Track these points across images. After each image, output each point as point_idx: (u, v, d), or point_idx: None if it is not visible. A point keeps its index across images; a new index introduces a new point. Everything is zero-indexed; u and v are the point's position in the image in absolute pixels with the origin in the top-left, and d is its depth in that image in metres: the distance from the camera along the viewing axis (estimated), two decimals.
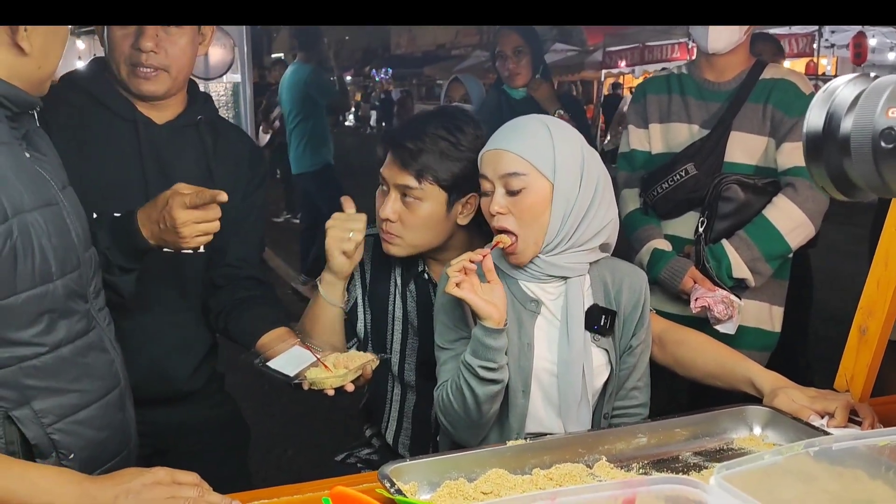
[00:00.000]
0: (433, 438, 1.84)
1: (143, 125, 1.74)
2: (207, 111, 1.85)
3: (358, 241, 1.70)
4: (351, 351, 1.71)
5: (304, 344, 1.64)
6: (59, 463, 1.33)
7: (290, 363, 1.58)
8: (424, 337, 1.79)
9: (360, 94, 26.54)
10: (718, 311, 2.19)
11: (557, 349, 1.59)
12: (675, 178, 2.37)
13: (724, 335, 2.15)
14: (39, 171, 1.35)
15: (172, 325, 1.81)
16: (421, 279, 1.82)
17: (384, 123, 20.73)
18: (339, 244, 1.70)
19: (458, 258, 1.50)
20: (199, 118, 1.81)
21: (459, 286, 1.47)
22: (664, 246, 2.37)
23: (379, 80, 27.31)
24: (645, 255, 2.38)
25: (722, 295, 2.21)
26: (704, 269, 2.29)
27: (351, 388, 1.57)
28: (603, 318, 1.60)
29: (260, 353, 1.66)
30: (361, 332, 1.85)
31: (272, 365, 1.58)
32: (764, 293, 2.36)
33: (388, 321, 1.83)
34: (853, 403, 1.52)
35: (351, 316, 1.84)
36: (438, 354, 1.64)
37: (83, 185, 1.53)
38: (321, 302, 1.76)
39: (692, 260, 2.33)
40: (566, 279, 1.60)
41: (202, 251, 1.80)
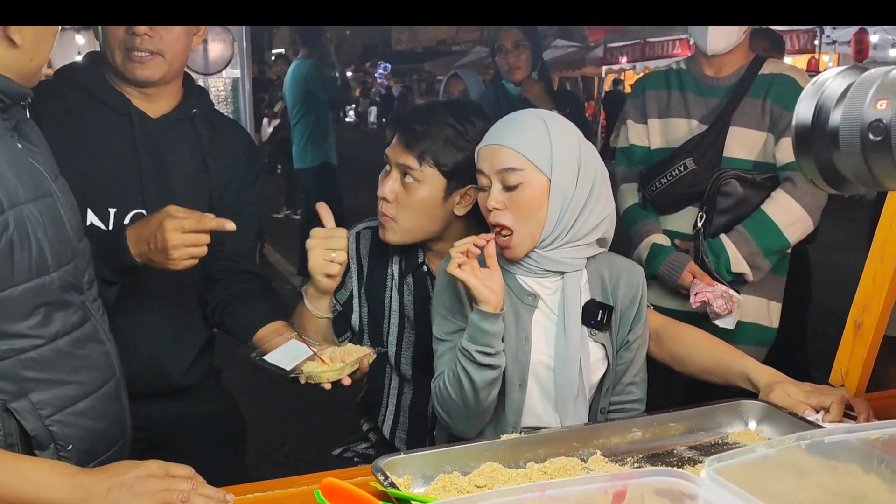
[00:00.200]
0: (430, 433, 1.84)
1: (137, 119, 1.73)
2: (203, 105, 1.84)
3: (342, 261, 1.66)
4: (348, 345, 1.70)
5: (300, 337, 1.64)
6: (57, 454, 1.34)
7: (286, 357, 1.57)
8: (421, 330, 1.79)
9: (358, 89, 26.49)
10: (718, 305, 2.19)
11: (554, 343, 1.59)
12: (673, 172, 2.37)
13: (722, 330, 2.16)
14: (32, 162, 1.35)
15: (169, 319, 1.81)
16: (419, 272, 1.82)
17: (384, 120, 20.72)
18: (322, 268, 1.65)
19: (462, 240, 1.51)
20: (194, 112, 1.80)
21: (461, 268, 1.48)
22: (663, 241, 2.37)
23: (377, 75, 27.27)
24: (644, 249, 2.38)
25: (721, 290, 2.21)
26: (703, 263, 2.29)
27: (348, 381, 1.57)
28: (600, 313, 1.60)
29: (257, 346, 1.66)
30: (357, 324, 1.85)
31: (269, 359, 1.57)
32: (762, 289, 2.36)
33: (384, 314, 1.83)
34: (848, 398, 1.52)
35: (346, 308, 1.84)
36: (436, 346, 1.64)
37: (78, 178, 1.53)
38: (307, 313, 1.74)
39: (690, 254, 2.33)
40: (563, 274, 1.60)
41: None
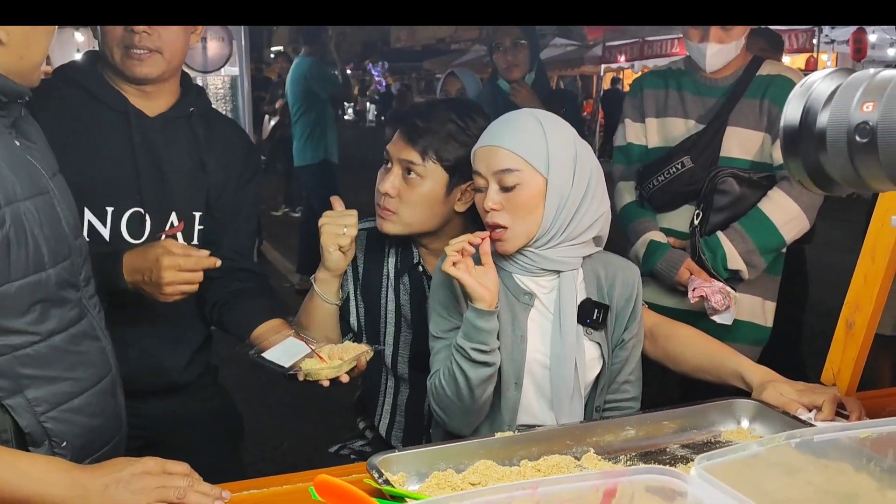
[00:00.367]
0: (426, 431, 1.85)
1: (134, 117, 1.74)
2: (200, 103, 1.84)
3: (353, 235, 1.71)
4: (346, 342, 1.71)
5: (298, 335, 1.65)
6: (51, 451, 1.34)
7: (285, 354, 1.58)
8: (418, 329, 1.80)
9: (356, 87, 26.46)
10: (716, 301, 2.20)
11: (550, 342, 1.60)
12: (671, 171, 2.37)
13: (717, 328, 2.16)
14: (30, 159, 1.36)
15: (166, 317, 1.81)
16: (415, 271, 1.83)
17: (383, 118, 20.69)
18: (334, 239, 1.70)
19: (458, 238, 1.52)
20: (191, 110, 1.80)
21: (456, 266, 1.49)
22: (660, 238, 2.37)
23: (375, 73, 27.18)
24: (641, 247, 2.38)
25: (719, 286, 2.22)
26: (700, 260, 2.29)
27: (346, 379, 1.58)
28: (596, 311, 1.61)
29: (255, 344, 1.66)
30: (355, 325, 1.86)
31: (267, 356, 1.58)
32: (757, 287, 2.37)
33: (381, 314, 1.84)
34: (840, 397, 1.52)
35: (344, 310, 1.85)
36: (432, 344, 1.65)
37: (75, 177, 1.53)
38: (317, 300, 1.77)
39: (686, 252, 2.34)
40: (560, 273, 1.61)
41: (195, 243, 1.81)
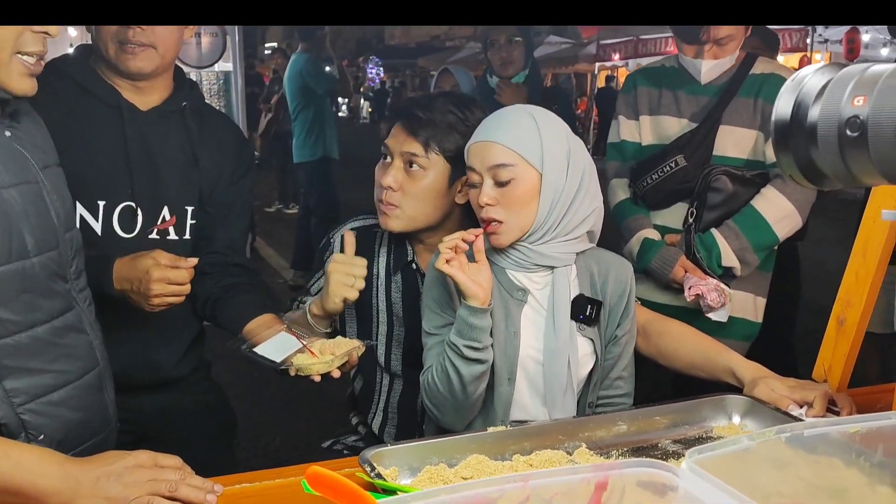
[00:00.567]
0: (419, 427, 1.85)
1: (127, 111, 1.73)
2: (193, 98, 1.84)
3: (361, 287, 1.67)
4: (337, 337, 1.71)
5: (290, 330, 1.65)
6: (27, 443, 1.32)
7: (276, 349, 1.58)
8: (411, 327, 1.80)
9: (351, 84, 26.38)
10: (712, 299, 2.20)
11: (543, 338, 1.60)
12: (664, 169, 2.37)
13: (708, 325, 2.17)
14: (19, 149, 1.35)
15: (159, 312, 1.81)
16: (408, 269, 1.82)
17: (378, 115, 20.68)
18: (341, 290, 1.65)
19: (451, 235, 1.52)
20: (184, 104, 1.80)
21: (449, 263, 1.49)
22: (654, 235, 2.38)
23: (368, 71, 27.12)
24: (635, 244, 2.39)
25: (714, 283, 2.23)
26: (694, 258, 2.30)
27: (337, 374, 1.58)
28: (589, 307, 1.61)
29: (246, 339, 1.66)
30: (348, 321, 1.86)
31: (259, 351, 1.58)
32: (749, 284, 2.38)
33: (373, 312, 1.84)
34: (831, 393, 1.53)
35: None
36: (425, 340, 1.65)
37: (67, 170, 1.53)
38: (306, 328, 1.72)
39: (680, 249, 2.34)
40: (553, 269, 1.61)
41: (188, 237, 1.81)
